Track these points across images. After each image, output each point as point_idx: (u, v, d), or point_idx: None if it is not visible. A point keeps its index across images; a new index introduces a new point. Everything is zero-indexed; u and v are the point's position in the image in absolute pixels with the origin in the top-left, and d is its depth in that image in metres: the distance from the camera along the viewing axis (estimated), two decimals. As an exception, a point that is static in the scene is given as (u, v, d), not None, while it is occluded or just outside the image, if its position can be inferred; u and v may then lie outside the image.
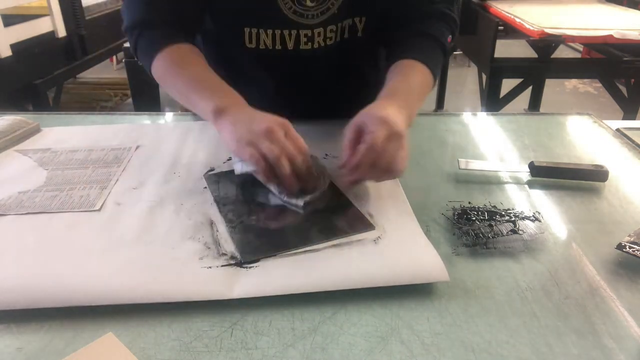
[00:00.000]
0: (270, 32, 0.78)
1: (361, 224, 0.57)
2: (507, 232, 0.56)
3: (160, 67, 0.73)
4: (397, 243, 0.53)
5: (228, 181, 0.66)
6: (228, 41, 0.82)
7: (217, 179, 0.67)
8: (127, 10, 0.77)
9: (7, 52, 1.78)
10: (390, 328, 0.44)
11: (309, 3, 0.76)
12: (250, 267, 0.50)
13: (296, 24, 0.77)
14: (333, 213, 0.60)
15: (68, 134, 0.81)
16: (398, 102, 0.67)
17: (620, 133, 0.85)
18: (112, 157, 0.73)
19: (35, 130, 0.81)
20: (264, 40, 0.79)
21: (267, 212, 0.60)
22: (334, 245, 0.53)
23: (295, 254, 0.52)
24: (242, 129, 0.60)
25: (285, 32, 0.78)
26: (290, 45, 0.79)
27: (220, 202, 0.61)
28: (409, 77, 0.73)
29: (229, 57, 0.84)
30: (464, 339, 0.43)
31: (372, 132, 0.59)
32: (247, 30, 0.78)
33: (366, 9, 0.81)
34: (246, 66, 0.84)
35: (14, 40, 1.84)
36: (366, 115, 0.62)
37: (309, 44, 0.80)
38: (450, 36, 0.80)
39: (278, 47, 0.79)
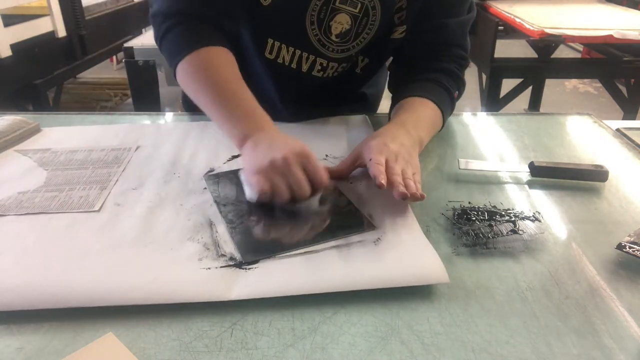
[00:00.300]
0: (291, 49, 0.81)
1: (362, 224, 0.57)
2: (507, 232, 0.56)
3: (186, 73, 0.71)
4: (397, 244, 0.53)
5: (228, 182, 0.66)
6: (249, 46, 0.83)
7: (217, 179, 0.67)
8: None
9: (7, 52, 1.78)
10: (390, 328, 0.44)
11: (334, 38, 0.80)
12: (249, 269, 0.50)
13: (316, 51, 0.81)
14: (333, 214, 0.60)
15: (68, 134, 0.81)
16: (406, 127, 0.70)
17: (620, 133, 0.85)
18: (112, 157, 0.73)
19: (35, 130, 0.81)
20: (283, 55, 0.81)
21: (268, 213, 0.60)
22: (334, 246, 0.53)
23: (295, 255, 0.52)
24: (258, 156, 0.60)
25: (304, 55, 0.81)
26: (304, 67, 0.83)
27: (220, 203, 0.61)
28: (417, 110, 0.76)
29: (243, 60, 0.84)
30: (464, 339, 0.43)
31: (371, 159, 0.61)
32: (270, 41, 0.80)
33: (377, 53, 0.86)
34: (257, 72, 0.85)
35: (14, 40, 1.84)
36: (366, 143, 0.65)
37: (321, 72, 0.84)
38: (457, 93, 0.82)
39: (294, 65, 0.82)
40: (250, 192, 0.60)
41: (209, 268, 0.50)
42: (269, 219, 0.59)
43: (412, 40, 0.83)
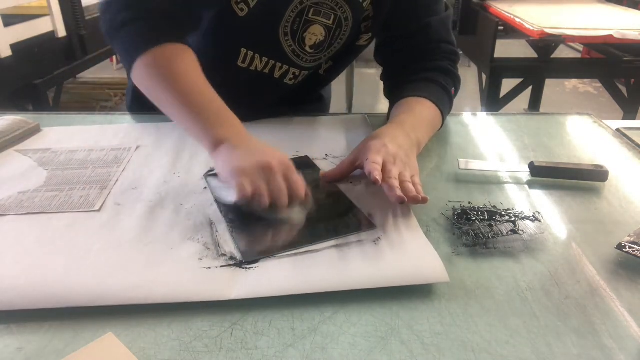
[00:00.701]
0: (265, 59, 0.81)
1: (362, 224, 0.57)
2: (507, 232, 0.56)
3: (145, 73, 0.66)
4: (397, 244, 0.53)
5: None
6: (220, 55, 0.81)
7: (218, 179, 0.67)
8: None
9: (7, 52, 1.78)
10: (390, 328, 0.44)
11: (308, 49, 0.80)
12: (249, 268, 0.50)
13: (290, 62, 0.81)
14: (333, 213, 0.60)
15: (68, 134, 0.81)
16: (405, 128, 0.70)
17: (620, 133, 0.85)
18: (112, 157, 0.73)
19: (35, 130, 0.81)
20: (256, 65, 0.81)
21: (269, 212, 0.60)
22: (334, 246, 0.53)
23: (295, 254, 0.52)
24: (239, 160, 0.58)
25: (278, 65, 0.82)
26: (276, 75, 0.83)
27: (221, 202, 0.61)
28: (416, 110, 0.76)
29: (213, 68, 0.80)
30: (464, 339, 0.43)
31: (368, 160, 0.61)
32: (244, 51, 0.80)
33: (342, 59, 0.88)
34: (228, 79, 0.81)
35: (14, 40, 1.83)
36: (365, 144, 0.66)
37: (293, 80, 0.85)
38: (454, 89, 0.82)
39: (266, 71, 0.82)
40: (228, 195, 0.59)
41: (209, 267, 0.50)
42: (269, 219, 0.59)
43: (400, 45, 0.84)
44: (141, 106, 0.89)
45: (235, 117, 0.65)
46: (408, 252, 0.52)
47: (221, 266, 0.50)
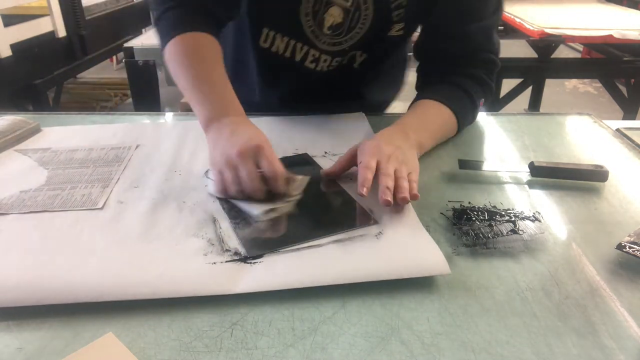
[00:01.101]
0: (286, 39, 0.81)
1: (363, 219, 0.58)
2: (507, 232, 0.56)
3: (171, 54, 0.73)
4: (397, 238, 0.54)
5: None
6: (243, 35, 0.84)
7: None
8: None
9: (7, 52, 1.79)
10: (390, 328, 0.44)
11: (325, 30, 0.80)
12: (254, 263, 0.50)
13: (309, 42, 0.81)
14: (335, 208, 0.61)
15: (68, 134, 0.81)
16: (405, 130, 0.70)
17: (620, 133, 0.85)
18: (112, 156, 0.73)
19: (35, 130, 0.81)
20: (277, 45, 0.82)
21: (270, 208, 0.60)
22: (336, 241, 0.54)
23: (298, 249, 0.52)
24: (218, 150, 0.62)
25: (298, 45, 0.82)
26: (297, 57, 0.83)
27: (223, 199, 0.61)
28: (425, 114, 0.76)
29: (239, 48, 0.87)
30: (464, 339, 0.43)
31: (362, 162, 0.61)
32: (265, 30, 0.81)
33: (374, 49, 0.85)
34: (252, 62, 0.86)
35: (14, 40, 1.84)
36: (361, 145, 0.65)
37: (313, 64, 0.84)
38: (483, 100, 0.81)
39: (288, 54, 0.83)
40: (211, 188, 0.62)
41: (215, 263, 0.50)
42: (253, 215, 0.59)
43: (438, 47, 0.82)
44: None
45: (236, 100, 0.69)
46: (409, 246, 0.53)
47: (226, 261, 0.50)
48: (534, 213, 0.60)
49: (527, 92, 2.36)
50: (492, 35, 0.82)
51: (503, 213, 0.59)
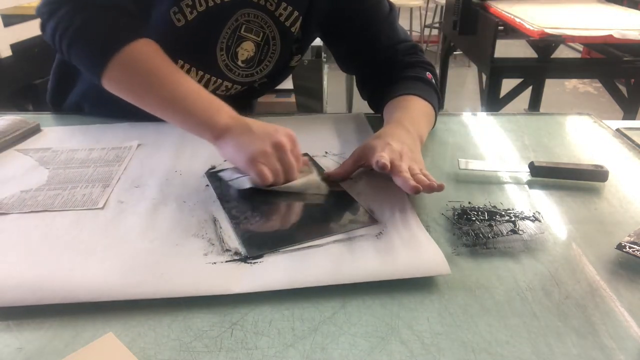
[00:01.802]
0: (200, 73, 0.82)
1: (364, 219, 0.58)
2: (507, 232, 0.56)
3: (121, 74, 0.64)
4: (398, 238, 0.54)
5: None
6: None
7: (219, 176, 0.67)
8: None
9: (7, 52, 1.78)
10: (390, 328, 0.44)
11: (240, 63, 0.83)
12: (254, 263, 0.50)
13: (223, 76, 0.83)
14: (336, 209, 0.61)
15: (68, 134, 0.81)
16: (404, 125, 0.71)
17: (620, 133, 0.85)
18: (112, 155, 0.73)
19: (36, 130, 0.81)
20: (191, 76, 0.80)
21: (271, 208, 0.61)
22: (336, 241, 0.54)
23: (298, 249, 0.52)
24: (250, 144, 0.61)
25: (213, 78, 0.83)
26: (210, 88, 0.84)
27: (223, 199, 0.61)
28: (409, 107, 0.77)
29: None
30: (464, 339, 0.43)
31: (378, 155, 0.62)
32: (180, 62, 0.79)
33: (275, 77, 0.91)
34: None
35: (14, 40, 1.83)
36: (367, 145, 0.66)
37: (224, 92, 0.86)
38: (429, 74, 0.83)
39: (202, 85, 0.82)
40: (245, 182, 0.63)
41: (215, 263, 0.50)
42: (272, 215, 0.59)
43: (359, 57, 0.87)
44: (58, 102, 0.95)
45: (223, 101, 0.67)
46: (409, 246, 0.53)
47: (226, 261, 0.50)
48: (534, 213, 0.60)
49: (527, 92, 2.36)
50: (396, 26, 0.87)
51: (503, 213, 0.59)
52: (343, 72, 0.95)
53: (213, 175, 0.68)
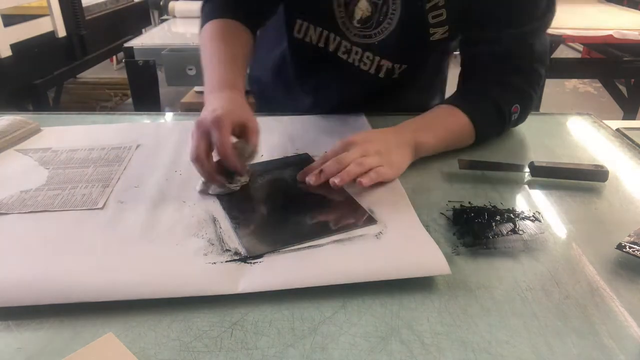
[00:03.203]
0: (319, 29, 0.83)
1: (364, 219, 0.58)
2: (507, 232, 0.56)
3: (203, 35, 0.82)
4: (398, 238, 0.54)
5: None
6: (279, 24, 0.87)
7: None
8: None
9: (7, 52, 1.79)
10: (390, 328, 0.44)
11: (355, 23, 0.80)
12: (254, 263, 0.50)
13: (340, 33, 0.82)
14: (335, 209, 0.60)
15: (68, 134, 0.81)
16: (402, 129, 0.71)
17: (620, 133, 0.85)
18: (112, 156, 0.73)
19: (36, 130, 0.81)
20: (310, 35, 0.84)
21: (271, 208, 0.61)
22: (336, 241, 0.54)
23: (298, 249, 0.52)
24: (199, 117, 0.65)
25: (331, 35, 0.82)
26: (331, 47, 0.84)
27: (223, 199, 0.61)
28: (432, 116, 0.75)
29: (278, 44, 0.91)
30: (464, 339, 0.43)
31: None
32: (299, 22, 0.83)
33: (410, 59, 0.82)
34: (288, 50, 0.89)
35: (14, 40, 1.84)
36: (351, 137, 0.67)
37: (346, 55, 0.84)
38: (518, 106, 0.76)
39: (321, 44, 0.84)
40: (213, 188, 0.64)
41: (215, 263, 0.50)
42: (272, 215, 0.59)
43: (479, 50, 0.78)
44: None
45: (234, 80, 0.73)
46: (409, 246, 0.53)
47: (226, 261, 0.50)
48: (534, 213, 0.60)
49: (527, 92, 2.36)
50: (534, 42, 0.75)
51: (503, 213, 0.59)
52: (460, 55, 0.83)
53: None
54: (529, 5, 0.73)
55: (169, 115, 0.92)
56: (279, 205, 0.61)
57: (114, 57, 4.00)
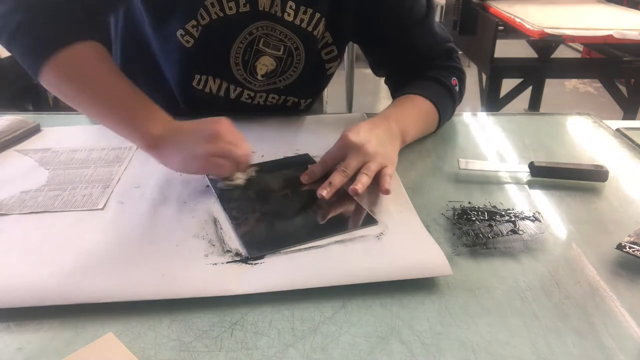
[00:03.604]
0: (218, 80, 0.81)
1: (365, 219, 0.58)
2: (507, 232, 0.56)
3: (56, 78, 0.62)
4: (399, 239, 0.54)
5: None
6: (175, 79, 0.81)
7: (220, 177, 0.67)
8: None
9: (7, 52, 1.78)
10: (390, 328, 0.44)
11: (259, 77, 0.81)
12: (255, 264, 0.50)
13: (242, 85, 0.82)
14: (337, 210, 0.60)
15: (68, 134, 0.81)
16: (388, 120, 0.71)
17: (620, 133, 0.85)
18: (112, 156, 0.73)
19: (35, 130, 0.81)
20: (210, 86, 0.81)
21: (271, 209, 0.61)
22: (337, 241, 0.54)
23: (299, 250, 0.52)
24: (192, 148, 0.60)
25: (232, 86, 0.82)
26: (232, 95, 0.83)
27: (224, 200, 0.61)
28: (403, 105, 0.77)
29: (171, 89, 0.83)
30: (464, 339, 0.43)
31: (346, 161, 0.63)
32: (197, 76, 0.80)
33: (314, 93, 0.89)
34: (188, 101, 0.84)
35: (14, 41, 1.83)
36: (346, 139, 0.65)
37: (250, 100, 0.84)
38: (456, 79, 0.82)
39: (221, 94, 0.82)
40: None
41: (216, 264, 0.50)
42: (273, 215, 0.59)
43: (392, 62, 0.86)
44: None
45: (158, 107, 0.63)
46: (410, 247, 0.53)
47: (227, 262, 0.50)
48: (534, 213, 0.60)
49: (527, 92, 2.36)
50: (434, 28, 0.84)
51: (503, 213, 0.59)
52: (376, 76, 0.92)
53: (214, 176, 0.67)
54: (412, 14, 0.81)
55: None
56: (279, 206, 0.61)
57: (114, 57, 4.00)
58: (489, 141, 0.82)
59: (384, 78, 0.92)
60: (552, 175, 0.69)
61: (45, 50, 0.60)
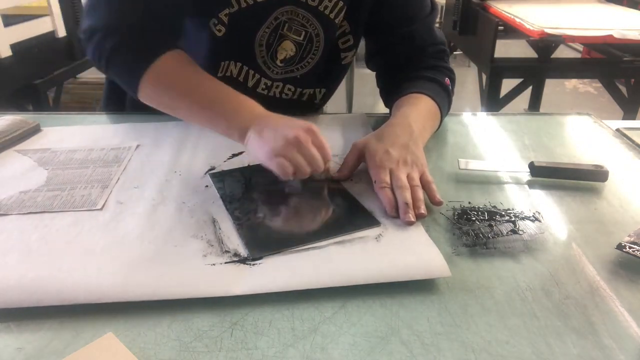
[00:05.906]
0: (239, 64, 0.82)
1: (364, 220, 0.58)
2: (507, 232, 0.56)
3: (153, 89, 0.68)
4: (398, 240, 0.54)
5: (233, 179, 0.66)
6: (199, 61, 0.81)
7: (222, 177, 0.67)
8: (95, 10, 0.69)
9: (7, 52, 1.78)
10: (390, 328, 0.44)
11: (278, 62, 0.82)
12: (254, 264, 0.50)
13: (261, 70, 0.83)
14: (336, 210, 0.61)
15: (68, 134, 0.81)
16: (408, 121, 0.71)
17: (620, 133, 0.85)
18: (112, 156, 0.73)
19: (35, 130, 0.81)
20: (231, 69, 0.82)
21: (273, 210, 0.61)
22: (337, 243, 0.54)
23: (299, 250, 0.52)
24: (269, 141, 0.60)
25: (250, 72, 0.83)
26: (250, 83, 0.84)
27: (226, 200, 0.61)
28: (417, 105, 0.77)
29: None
30: (464, 339, 0.43)
31: (396, 177, 0.62)
32: (222, 64, 0.81)
33: (329, 83, 0.90)
34: None
35: (14, 40, 1.83)
36: (368, 147, 0.66)
37: (265, 90, 0.85)
38: (448, 80, 0.84)
39: (240, 79, 0.83)
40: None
41: (214, 264, 0.50)
42: (274, 216, 0.59)
43: (388, 54, 0.87)
44: (116, 106, 0.94)
45: (250, 99, 0.66)
46: (409, 248, 0.53)
47: (225, 262, 0.50)
48: (534, 213, 0.60)
49: (527, 92, 2.36)
50: (434, 29, 0.87)
51: (503, 213, 0.59)
52: (368, 68, 0.93)
53: (217, 176, 0.68)
54: (418, 9, 0.84)
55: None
56: (281, 207, 0.61)
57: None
58: (489, 141, 0.82)
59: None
60: (552, 175, 0.69)
61: (138, 67, 0.67)
